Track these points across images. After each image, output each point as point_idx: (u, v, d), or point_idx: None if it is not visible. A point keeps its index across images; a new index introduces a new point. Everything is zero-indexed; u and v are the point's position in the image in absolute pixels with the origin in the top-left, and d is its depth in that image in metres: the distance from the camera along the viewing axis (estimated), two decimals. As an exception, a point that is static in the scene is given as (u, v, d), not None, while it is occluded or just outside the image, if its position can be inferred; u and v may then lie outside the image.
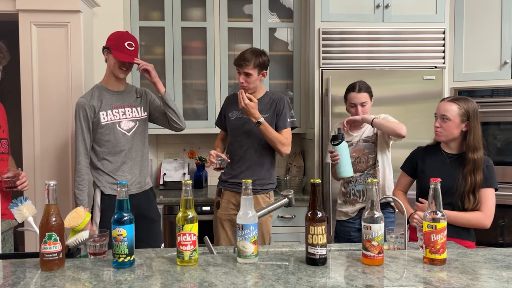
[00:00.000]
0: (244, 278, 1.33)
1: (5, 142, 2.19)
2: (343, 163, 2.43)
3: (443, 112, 2.11)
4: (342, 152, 2.42)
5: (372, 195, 1.45)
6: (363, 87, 2.54)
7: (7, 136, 2.23)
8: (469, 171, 2.06)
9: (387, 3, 3.10)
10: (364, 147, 2.56)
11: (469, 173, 2.06)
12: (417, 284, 1.29)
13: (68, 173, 2.85)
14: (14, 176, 2.06)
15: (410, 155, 2.34)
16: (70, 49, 2.83)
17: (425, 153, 2.25)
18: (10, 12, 2.81)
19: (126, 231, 1.40)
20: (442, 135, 2.13)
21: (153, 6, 3.41)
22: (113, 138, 2.41)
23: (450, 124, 2.09)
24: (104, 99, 2.42)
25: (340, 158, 2.41)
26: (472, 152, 2.06)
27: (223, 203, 2.62)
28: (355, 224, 2.57)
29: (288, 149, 2.57)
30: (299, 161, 3.64)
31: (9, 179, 2.05)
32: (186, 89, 3.45)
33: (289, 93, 3.52)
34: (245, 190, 1.47)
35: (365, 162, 2.55)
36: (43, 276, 1.35)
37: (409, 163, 2.31)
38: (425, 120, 3.03)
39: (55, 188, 1.41)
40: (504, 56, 3.14)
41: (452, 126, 2.09)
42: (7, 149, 2.21)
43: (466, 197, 2.06)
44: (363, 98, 2.53)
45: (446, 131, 2.11)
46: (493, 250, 1.62)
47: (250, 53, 2.47)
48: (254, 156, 2.58)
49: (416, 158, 2.27)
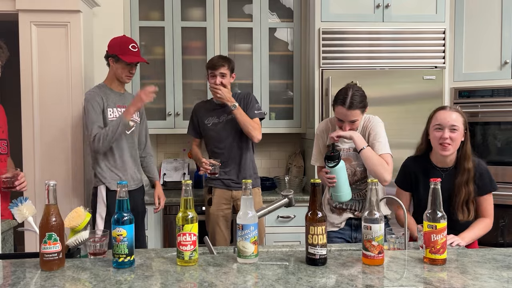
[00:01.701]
0: (244, 278, 1.33)
1: (4, 143, 2.20)
2: (341, 186, 2.13)
3: (453, 122, 1.99)
4: (339, 173, 2.12)
5: (372, 195, 1.45)
6: (355, 102, 2.14)
7: (6, 137, 2.24)
8: (463, 181, 1.98)
9: (387, 3, 3.10)
10: (353, 158, 2.27)
11: (463, 184, 1.98)
12: (417, 284, 1.29)
13: (68, 173, 2.85)
14: (12, 177, 2.08)
15: (402, 169, 2.20)
16: (70, 49, 2.83)
17: (417, 167, 2.13)
18: (10, 12, 2.81)
19: (126, 231, 1.40)
20: (452, 147, 2.00)
21: (153, 6, 3.41)
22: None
23: (458, 134, 1.99)
24: (109, 97, 2.59)
25: (337, 181, 2.12)
26: (467, 162, 2.00)
27: (215, 200, 2.80)
28: (344, 236, 2.31)
29: (259, 135, 2.75)
30: (299, 161, 3.64)
31: (7, 179, 2.07)
32: (186, 89, 3.45)
33: (289, 93, 3.52)
34: (245, 190, 1.47)
35: (352, 175, 2.26)
36: (43, 276, 1.35)
37: (404, 178, 2.18)
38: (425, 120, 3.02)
39: (55, 188, 1.41)
40: (504, 56, 3.14)
41: (459, 136, 2.00)
42: (6, 150, 2.22)
43: (459, 209, 1.99)
44: (353, 116, 2.16)
45: (455, 142, 2.00)
46: (493, 250, 1.62)
47: (222, 57, 2.78)
48: (237, 153, 2.80)
49: (409, 172, 2.16)
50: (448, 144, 1.99)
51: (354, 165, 2.26)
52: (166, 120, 3.40)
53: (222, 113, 2.79)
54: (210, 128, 2.81)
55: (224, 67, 2.71)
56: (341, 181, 2.13)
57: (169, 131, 3.44)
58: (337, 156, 2.11)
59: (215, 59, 2.75)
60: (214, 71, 2.71)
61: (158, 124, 3.39)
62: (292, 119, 3.49)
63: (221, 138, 2.79)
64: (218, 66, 2.70)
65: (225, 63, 2.72)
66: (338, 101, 2.18)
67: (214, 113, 2.82)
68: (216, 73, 2.71)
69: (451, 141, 1.99)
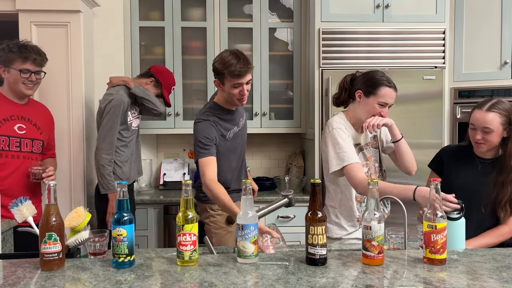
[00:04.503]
0: (244, 278, 1.33)
1: (39, 143, 2.40)
2: (459, 241, 1.70)
3: (485, 125, 1.92)
4: (459, 228, 1.70)
5: (372, 195, 1.45)
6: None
7: (44, 138, 2.44)
8: (510, 180, 1.92)
9: (387, 3, 3.10)
10: (373, 154, 2.19)
11: (510, 183, 1.92)
12: (417, 284, 1.29)
13: (68, 173, 2.85)
14: (42, 169, 2.28)
15: (438, 154, 2.17)
16: (70, 49, 2.83)
17: (454, 153, 2.09)
18: (10, 12, 2.81)
19: (126, 231, 1.40)
20: (485, 146, 1.96)
21: (153, 6, 3.41)
22: (130, 134, 2.77)
23: (493, 135, 1.92)
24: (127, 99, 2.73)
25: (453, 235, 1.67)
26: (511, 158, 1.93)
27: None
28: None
29: None
30: (299, 161, 3.64)
31: (37, 171, 2.27)
32: (186, 89, 3.45)
33: (289, 93, 3.52)
34: (244, 190, 1.47)
35: (374, 173, 2.16)
36: (43, 276, 1.35)
37: (439, 160, 2.14)
38: (425, 120, 3.04)
39: (55, 188, 1.41)
40: (504, 56, 3.14)
41: (495, 136, 1.93)
42: (40, 149, 2.41)
43: (502, 207, 1.93)
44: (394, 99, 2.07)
45: (489, 142, 1.94)
46: (493, 250, 1.62)
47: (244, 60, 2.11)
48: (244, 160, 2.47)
49: (443, 157, 2.13)
50: (482, 143, 1.95)
51: (373, 161, 2.18)
52: (166, 120, 3.40)
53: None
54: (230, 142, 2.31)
55: (249, 72, 2.13)
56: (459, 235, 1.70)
57: (169, 131, 3.44)
58: (462, 207, 1.70)
59: (238, 65, 2.07)
60: (243, 78, 2.11)
61: (158, 124, 3.39)
62: (292, 119, 3.49)
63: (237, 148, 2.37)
64: (247, 70, 2.11)
65: (249, 65, 2.12)
66: (384, 82, 2.03)
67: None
68: (243, 81, 2.12)
69: (485, 141, 1.94)
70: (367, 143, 2.15)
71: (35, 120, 2.40)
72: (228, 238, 2.34)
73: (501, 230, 1.94)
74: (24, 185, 2.30)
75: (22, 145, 2.31)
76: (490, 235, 1.94)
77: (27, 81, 2.29)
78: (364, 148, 2.13)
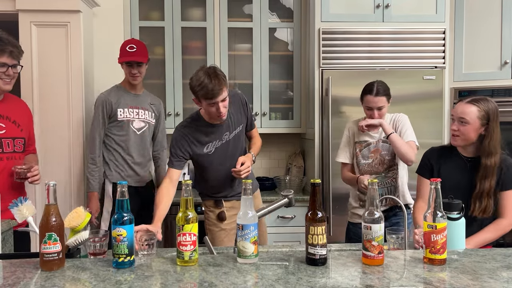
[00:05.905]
0: (244, 278, 1.33)
1: (21, 142, 2.27)
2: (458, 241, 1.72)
3: (461, 115, 1.95)
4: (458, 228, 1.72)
5: (372, 195, 1.45)
6: (381, 89, 2.37)
7: (25, 135, 2.30)
8: (479, 177, 1.93)
9: (387, 3, 3.10)
10: (382, 148, 2.43)
11: (479, 179, 1.93)
12: (417, 284, 1.29)
13: (68, 173, 2.85)
14: (26, 168, 2.16)
15: (423, 158, 2.16)
16: (70, 49, 2.83)
17: (440, 155, 2.09)
18: (10, 12, 2.81)
19: (126, 231, 1.40)
20: (460, 139, 1.97)
21: (153, 6, 3.41)
22: (126, 134, 2.72)
23: (468, 127, 1.94)
24: (122, 98, 2.72)
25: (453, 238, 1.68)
26: (486, 157, 1.93)
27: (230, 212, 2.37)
28: None
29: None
30: (299, 161, 3.64)
31: (21, 170, 2.15)
32: (186, 89, 3.44)
33: (289, 93, 3.52)
34: (244, 190, 1.47)
35: (381, 164, 2.43)
36: (43, 276, 1.35)
37: (425, 165, 2.13)
38: (425, 120, 3.04)
39: (55, 188, 1.41)
40: (504, 56, 3.14)
41: (471, 129, 1.94)
42: (22, 148, 2.28)
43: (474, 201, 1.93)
44: (380, 102, 2.37)
45: (464, 135, 1.95)
46: (493, 250, 1.62)
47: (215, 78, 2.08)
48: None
49: (430, 160, 2.11)
50: (457, 136, 1.97)
51: (383, 155, 2.44)
52: (166, 120, 3.39)
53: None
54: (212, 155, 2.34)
55: (223, 91, 2.10)
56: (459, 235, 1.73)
57: (169, 131, 3.42)
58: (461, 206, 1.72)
59: (210, 85, 2.06)
60: (214, 100, 2.10)
61: (158, 124, 3.38)
62: (292, 119, 3.49)
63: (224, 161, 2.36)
64: (217, 93, 2.08)
65: (222, 85, 2.08)
66: (366, 91, 2.42)
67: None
68: (217, 100, 2.10)
69: (460, 133, 1.96)
70: (378, 140, 2.46)
71: (14, 117, 2.23)
72: (220, 235, 2.37)
73: (499, 224, 1.93)
74: (10, 185, 2.16)
75: (3, 145, 2.17)
76: (489, 230, 1.93)
77: (4, 75, 2.11)
78: (371, 143, 2.46)
